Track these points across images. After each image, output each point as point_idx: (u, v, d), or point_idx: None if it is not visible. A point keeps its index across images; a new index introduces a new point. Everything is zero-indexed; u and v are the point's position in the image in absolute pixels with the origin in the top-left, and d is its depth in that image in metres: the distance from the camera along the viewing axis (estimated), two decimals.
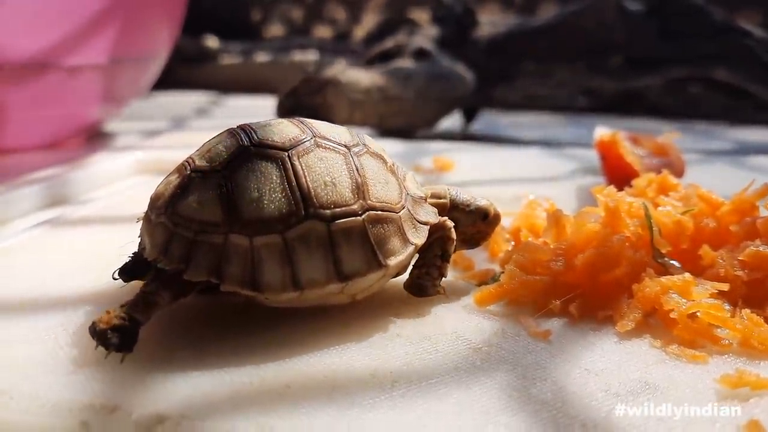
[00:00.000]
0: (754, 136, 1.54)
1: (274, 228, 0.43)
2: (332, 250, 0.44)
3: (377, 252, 0.45)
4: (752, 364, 0.43)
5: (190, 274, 0.42)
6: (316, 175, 0.45)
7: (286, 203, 0.43)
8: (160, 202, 0.45)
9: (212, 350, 0.43)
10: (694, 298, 0.47)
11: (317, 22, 2.40)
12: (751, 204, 0.56)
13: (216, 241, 0.43)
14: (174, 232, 0.43)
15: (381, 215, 0.46)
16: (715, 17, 1.34)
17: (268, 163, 0.44)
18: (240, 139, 0.45)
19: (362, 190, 0.46)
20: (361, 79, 1.25)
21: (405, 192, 0.49)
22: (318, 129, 0.48)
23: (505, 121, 1.71)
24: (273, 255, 0.43)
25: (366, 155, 0.48)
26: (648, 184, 0.68)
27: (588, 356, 0.43)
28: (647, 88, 1.77)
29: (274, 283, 0.43)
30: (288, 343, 0.44)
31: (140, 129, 1.42)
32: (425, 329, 0.47)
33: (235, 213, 0.43)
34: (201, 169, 0.44)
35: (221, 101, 1.96)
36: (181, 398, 0.38)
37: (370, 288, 0.47)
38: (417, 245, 0.47)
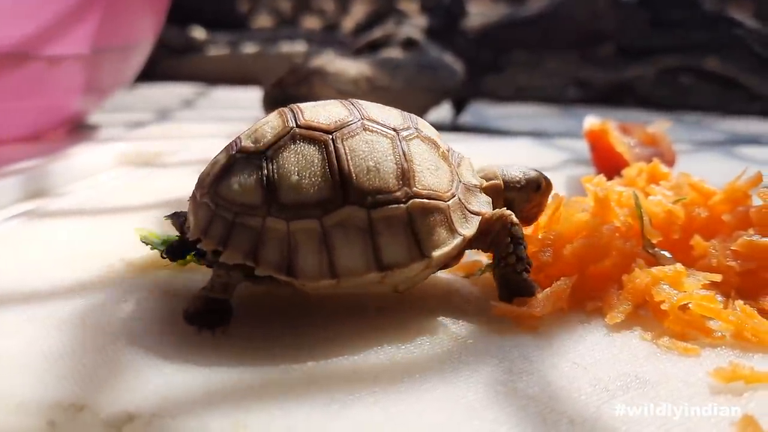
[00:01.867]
0: (745, 126, 1.53)
1: (312, 213, 0.42)
2: (372, 239, 0.42)
3: (421, 242, 0.43)
4: (745, 356, 0.42)
5: (226, 256, 0.42)
6: (359, 159, 0.43)
7: (325, 188, 0.42)
8: (206, 182, 0.44)
9: (191, 346, 0.41)
10: (685, 289, 0.46)
11: (306, 12, 2.38)
12: (744, 193, 0.55)
13: (253, 224, 0.42)
14: (215, 212, 0.42)
15: (427, 204, 0.44)
16: (706, 7, 1.33)
17: (312, 145, 0.43)
18: (286, 120, 0.44)
19: (408, 177, 0.44)
20: (349, 69, 1.24)
21: (457, 180, 0.46)
22: (368, 111, 0.46)
23: (495, 113, 1.70)
24: (309, 241, 0.42)
25: (416, 140, 0.46)
26: (638, 173, 0.66)
27: (577, 349, 0.42)
28: (638, 79, 1.76)
29: (310, 269, 0.41)
30: (267, 338, 0.42)
31: (124, 121, 1.40)
32: (410, 322, 0.45)
33: (274, 196, 0.42)
34: (245, 149, 0.44)
35: (208, 93, 1.94)
36: (153, 396, 0.36)
37: (412, 279, 0.45)
38: (465, 237, 0.45)
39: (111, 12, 1.14)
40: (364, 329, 0.44)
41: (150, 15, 1.27)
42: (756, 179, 0.55)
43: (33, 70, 1.02)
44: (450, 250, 0.44)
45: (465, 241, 0.45)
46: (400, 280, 0.44)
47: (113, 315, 0.46)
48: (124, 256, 0.56)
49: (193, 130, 1.32)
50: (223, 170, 0.44)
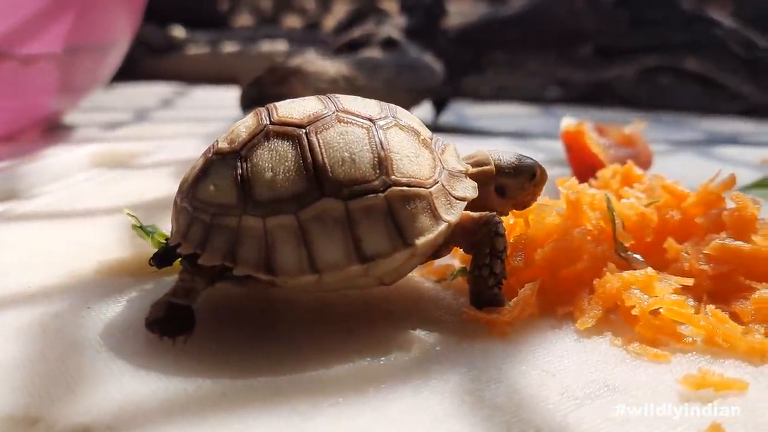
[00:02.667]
0: (723, 126, 1.53)
1: (288, 208, 0.41)
2: (351, 230, 0.41)
3: (403, 231, 0.42)
4: (716, 362, 0.41)
5: (204, 258, 0.41)
6: (333, 151, 0.42)
7: (300, 182, 0.41)
8: (185, 186, 0.44)
9: (152, 355, 0.40)
10: (656, 293, 0.45)
11: (287, 11, 2.36)
12: (717, 195, 0.54)
13: (230, 224, 0.41)
14: (193, 216, 0.42)
15: (407, 191, 0.43)
16: (685, 7, 1.33)
17: (285, 141, 0.43)
18: (260, 119, 0.44)
19: (385, 166, 0.43)
20: (327, 69, 1.23)
21: (440, 166, 0.45)
22: (344, 103, 0.45)
23: (476, 113, 1.69)
24: (287, 236, 0.41)
25: (394, 128, 0.45)
26: (613, 175, 0.66)
27: (546, 356, 0.41)
28: (618, 79, 1.76)
29: (290, 266, 0.41)
30: (230, 348, 0.41)
31: (101, 121, 1.38)
32: (379, 330, 0.44)
33: (249, 194, 0.41)
34: (221, 151, 0.43)
35: (187, 92, 1.93)
36: (109, 408, 0.35)
37: (398, 270, 0.44)
38: (450, 222, 0.44)
39: (86, 11, 1.12)
40: (330, 337, 0.43)
41: (126, 14, 1.26)
42: (729, 182, 0.55)
43: (6, 70, 1.01)
44: (434, 237, 0.43)
45: (450, 227, 0.44)
46: (384, 271, 0.43)
47: (76, 322, 0.45)
48: (93, 260, 0.55)
49: (170, 130, 1.31)
50: (200, 173, 0.43)
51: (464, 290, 0.49)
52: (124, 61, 1.43)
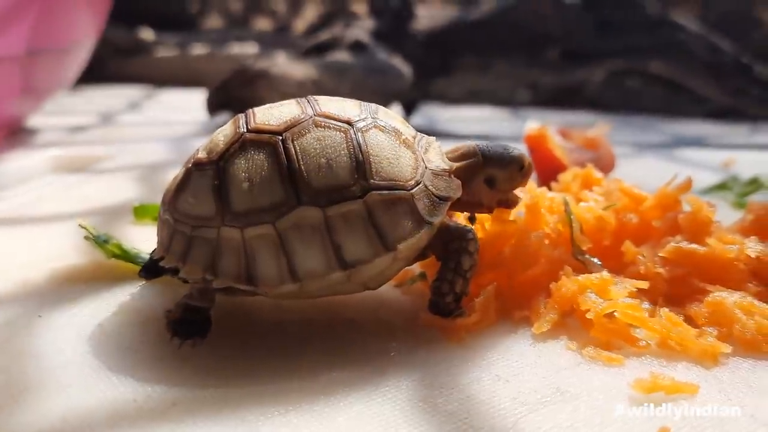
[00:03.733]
0: (689, 129, 1.55)
1: (266, 218, 0.41)
2: (330, 238, 0.40)
3: (384, 235, 0.41)
4: (669, 366, 0.41)
5: (186, 272, 0.41)
6: (310, 158, 0.41)
7: (277, 191, 0.41)
8: (166, 198, 0.44)
9: (100, 365, 0.40)
10: (611, 297, 0.45)
11: (257, 13, 2.35)
12: (674, 198, 0.55)
13: (210, 236, 0.41)
14: (175, 228, 0.42)
15: (387, 195, 0.42)
16: (650, 11, 1.34)
17: (262, 149, 0.42)
18: (237, 126, 0.43)
19: (364, 170, 0.42)
20: (295, 72, 1.22)
21: (423, 166, 0.44)
22: (322, 106, 0.44)
23: (446, 115, 1.70)
24: (266, 246, 0.40)
25: (373, 130, 0.43)
26: (573, 178, 0.66)
27: (501, 361, 0.41)
28: (586, 82, 1.78)
29: (270, 276, 0.40)
30: (177, 358, 0.41)
31: (65, 124, 1.36)
32: (335, 336, 0.44)
33: (227, 205, 0.41)
34: (199, 161, 0.43)
35: (155, 95, 1.90)
36: (54, 420, 0.34)
37: (381, 275, 0.43)
38: (434, 224, 0.43)
39: (48, 12, 1.10)
40: (285, 345, 0.43)
41: (90, 15, 1.24)
42: (686, 185, 0.55)
43: None
44: (416, 240, 0.42)
45: (434, 228, 0.43)
46: (367, 277, 0.43)
47: (25, 331, 0.44)
48: (47, 267, 0.54)
49: (135, 133, 1.30)
50: (180, 185, 0.43)
51: (423, 295, 0.49)
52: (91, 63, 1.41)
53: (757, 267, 0.49)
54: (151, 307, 0.47)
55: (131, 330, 0.44)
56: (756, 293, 0.47)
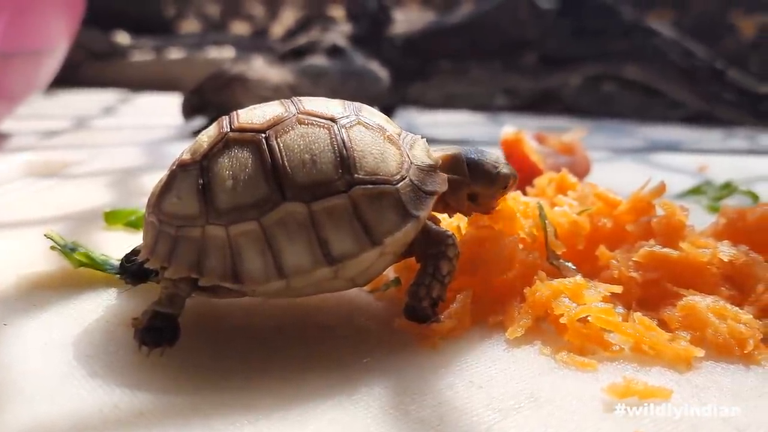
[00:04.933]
0: (665, 133, 1.57)
1: (250, 215, 0.40)
2: (316, 233, 0.40)
3: (370, 230, 0.41)
4: (643, 370, 0.41)
5: (171, 271, 0.41)
6: (294, 154, 0.41)
7: (261, 187, 0.41)
8: (151, 201, 0.44)
9: (67, 375, 0.39)
10: (585, 301, 0.45)
11: (234, 17, 2.33)
12: (648, 203, 0.55)
13: (195, 235, 0.41)
14: (160, 229, 0.42)
15: (372, 189, 0.42)
16: (625, 16, 1.35)
17: (245, 147, 0.42)
18: (221, 127, 0.43)
19: (348, 165, 0.42)
20: (271, 76, 1.21)
21: (408, 161, 0.44)
22: (305, 105, 0.44)
23: (424, 120, 1.70)
24: (251, 243, 0.40)
25: (357, 127, 0.43)
26: (549, 182, 0.66)
27: (475, 367, 0.41)
28: (563, 87, 1.79)
29: (257, 273, 0.40)
30: (148, 364, 0.40)
31: (38, 129, 1.34)
32: (308, 342, 0.44)
33: (211, 203, 0.41)
34: (183, 162, 0.43)
35: (130, 99, 1.89)
36: (17, 428, 0.33)
37: (369, 270, 0.43)
38: (420, 218, 0.43)
39: (20, 15, 1.09)
40: (257, 351, 0.42)
41: (64, 19, 1.22)
42: (659, 189, 0.55)
43: None
44: (403, 234, 0.42)
45: (420, 222, 0.43)
46: (355, 272, 0.43)
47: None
48: (14, 273, 0.53)
49: (109, 138, 1.28)
50: (164, 186, 0.43)
51: (397, 300, 0.49)
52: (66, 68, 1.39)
53: (729, 271, 0.49)
54: (119, 315, 0.46)
55: (98, 338, 0.43)
56: (728, 297, 0.48)
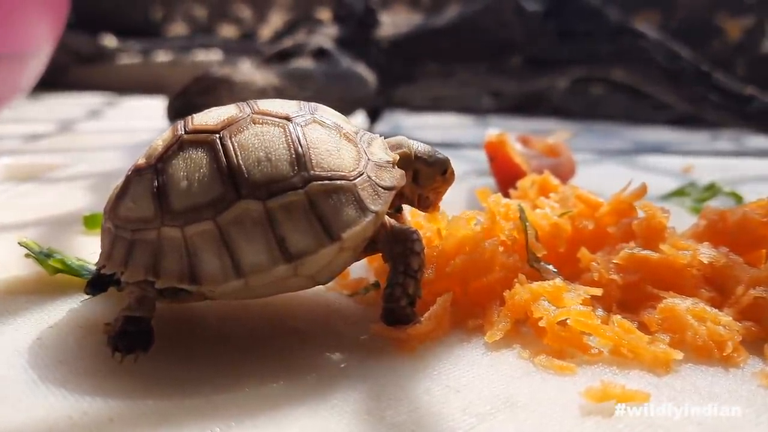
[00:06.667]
0: (652, 135, 1.57)
1: (206, 214, 0.40)
2: (273, 230, 0.40)
3: (328, 225, 0.41)
4: (621, 373, 0.41)
5: (127, 275, 0.41)
6: (248, 152, 0.41)
7: (216, 187, 0.40)
8: (107, 207, 0.43)
9: (36, 382, 0.38)
10: (565, 304, 0.45)
11: (222, 20, 2.33)
12: (629, 205, 0.55)
13: (150, 238, 0.40)
14: (116, 235, 0.42)
15: (328, 185, 0.41)
16: (611, 18, 1.35)
17: (199, 148, 0.42)
18: (176, 130, 0.43)
19: (304, 161, 0.41)
20: (256, 79, 1.21)
21: (365, 158, 0.44)
22: (260, 106, 0.44)
23: (411, 122, 1.70)
24: (207, 243, 0.40)
25: (312, 125, 0.43)
26: (531, 184, 0.66)
27: (452, 371, 0.41)
28: (551, 89, 1.79)
29: (214, 273, 0.39)
30: (119, 370, 0.39)
31: (22, 132, 1.33)
32: (284, 347, 0.43)
33: (166, 205, 0.40)
34: (138, 166, 0.43)
35: (117, 103, 1.88)
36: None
37: (329, 267, 0.43)
38: (378, 212, 0.42)
39: (1, 18, 1.08)
40: (231, 357, 0.42)
41: (47, 22, 1.21)
42: (641, 191, 0.55)
43: None
44: (361, 228, 0.42)
45: (379, 217, 0.43)
46: (315, 269, 0.42)
47: None
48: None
49: (93, 142, 1.27)
50: (120, 192, 0.43)
51: (376, 304, 0.48)
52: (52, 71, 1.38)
53: (709, 273, 0.49)
54: (92, 320, 0.46)
55: (71, 344, 0.43)
56: (708, 299, 0.47)
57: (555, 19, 1.34)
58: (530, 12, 1.33)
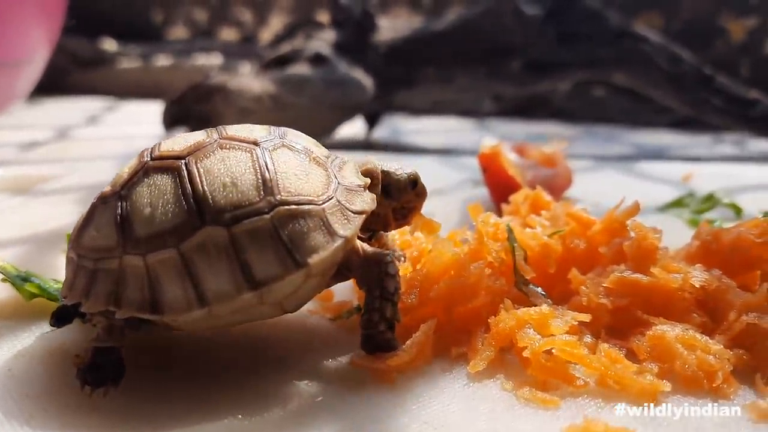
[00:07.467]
0: (652, 138, 1.55)
1: (169, 242, 0.39)
2: (237, 257, 0.39)
3: (294, 251, 0.39)
4: (607, 407, 0.39)
5: (88, 306, 0.40)
6: (213, 177, 0.40)
7: (180, 213, 0.39)
8: (72, 236, 0.43)
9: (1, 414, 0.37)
10: (551, 332, 0.43)
11: (222, 24, 2.32)
12: (621, 224, 0.53)
13: (112, 267, 0.39)
14: (78, 264, 0.41)
15: (295, 210, 0.40)
16: (612, 22, 1.33)
17: (164, 174, 0.41)
18: (142, 157, 0.43)
19: (270, 186, 0.40)
20: (252, 86, 1.20)
21: (335, 182, 0.43)
22: (229, 131, 0.43)
23: (411, 127, 1.68)
24: (169, 271, 0.39)
25: (281, 149, 0.43)
26: (524, 200, 0.65)
27: (432, 405, 0.39)
28: (553, 92, 1.77)
29: (176, 302, 0.38)
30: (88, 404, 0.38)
31: (19, 140, 1.32)
32: (258, 378, 0.42)
33: (129, 233, 0.40)
34: (103, 194, 0.42)
35: (117, 107, 1.87)
36: None
37: (296, 295, 0.42)
38: (347, 237, 0.41)
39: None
40: (203, 388, 0.40)
41: (41, 29, 1.20)
42: (633, 209, 0.54)
43: None
44: (329, 254, 0.40)
45: (348, 242, 0.42)
46: (282, 297, 0.41)
47: None
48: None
49: (89, 149, 1.26)
50: (84, 220, 0.42)
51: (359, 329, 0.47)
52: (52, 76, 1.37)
53: (702, 296, 0.47)
54: (65, 347, 0.45)
55: (40, 374, 0.42)
56: (700, 324, 0.46)
57: (555, 22, 1.32)
58: (529, 15, 1.31)
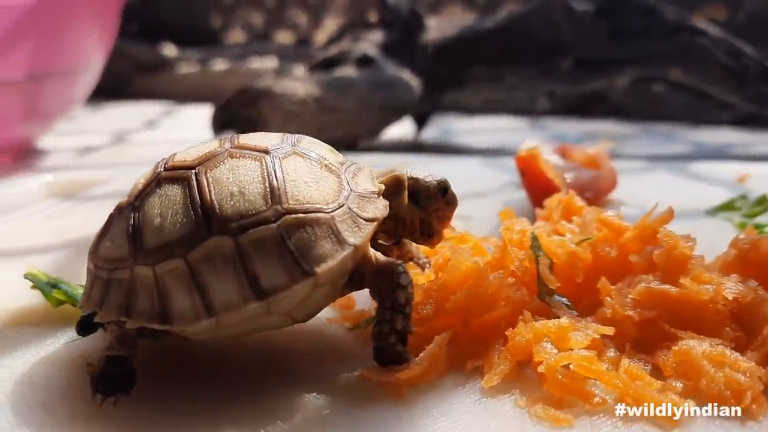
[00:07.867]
0: (713, 137, 1.49)
1: (177, 252, 0.39)
2: (244, 266, 0.39)
3: (301, 260, 0.39)
4: (624, 427, 0.38)
5: (101, 315, 0.41)
6: (222, 187, 0.41)
7: (188, 224, 0.40)
8: (91, 247, 0.44)
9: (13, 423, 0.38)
10: (570, 346, 0.42)
11: (278, 27, 2.34)
12: (654, 231, 0.51)
13: (124, 277, 0.40)
14: (95, 275, 0.42)
15: (303, 218, 0.40)
16: (668, 16, 1.28)
17: (175, 184, 0.41)
18: (156, 167, 0.43)
19: (278, 195, 0.40)
20: (297, 89, 1.20)
21: (348, 189, 0.43)
22: (242, 140, 0.44)
23: (462, 127, 1.66)
24: (177, 281, 0.39)
25: (292, 156, 0.43)
26: (558, 204, 0.63)
27: (441, 421, 0.38)
28: (610, 89, 1.72)
29: (185, 312, 0.39)
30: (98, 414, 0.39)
31: (77, 145, 1.36)
32: (266, 390, 0.41)
33: (140, 243, 0.40)
34: (120, 205, 0.43)
35: (174, 112, 1.91)
36: None
37: (305, 304, 0.41)
38: (357, 246, 0.41)
39: (49, 36, 1.11)
40: (213, 400, 0.40)
41: (96, 36, 1.24)
42: (667, 215, 0.51)
43: None
44: (337, 263, 0.40)
45: (358, 251, 0.41)
46: (290, 307, 0.41)
47: None
48: (5, 308, 0.53)
49: (143, 154, 1.29)
50: (102, 231, 0.43)
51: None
52: (114, 81, 1.41)
53: (736, 309, 0.45)
54: (86, 358, 0.45)
55: (60, 382, 0.42)
56: (733, 339, 0.43)
57: (607, 18, 1.29)
58: (580, 12, 1.28)
